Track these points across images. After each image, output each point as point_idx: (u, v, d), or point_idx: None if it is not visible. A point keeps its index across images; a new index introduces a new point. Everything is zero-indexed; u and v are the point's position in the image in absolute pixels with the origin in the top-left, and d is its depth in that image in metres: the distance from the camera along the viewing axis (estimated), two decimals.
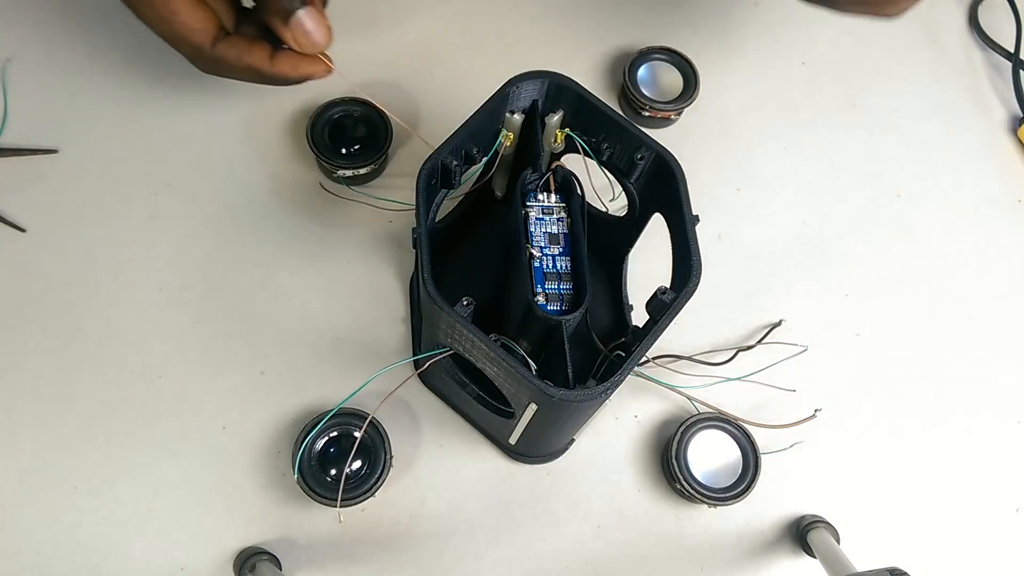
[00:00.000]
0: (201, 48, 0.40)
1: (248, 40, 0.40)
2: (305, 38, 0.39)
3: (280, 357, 0.48)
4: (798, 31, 0.60)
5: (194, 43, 0.40)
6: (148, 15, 0.40)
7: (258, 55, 0.40)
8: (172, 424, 0.46)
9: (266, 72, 0.41)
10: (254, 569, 0.42)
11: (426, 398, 0.48)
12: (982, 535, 0.49)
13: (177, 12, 0.39)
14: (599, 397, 0.35)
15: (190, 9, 0.39)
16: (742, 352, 0.50)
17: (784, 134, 0.57)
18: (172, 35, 0.40)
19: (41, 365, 0.46)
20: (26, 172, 0.50)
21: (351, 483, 0.43)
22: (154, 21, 0.40)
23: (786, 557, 0.47)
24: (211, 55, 0.40)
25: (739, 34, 0.60)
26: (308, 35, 0.39)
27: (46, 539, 0.43)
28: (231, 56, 0.40)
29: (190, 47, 0.40)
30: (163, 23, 0.39)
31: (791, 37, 0.60)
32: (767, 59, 0.59)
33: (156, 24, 0.40)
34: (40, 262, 0.48)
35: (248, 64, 0.40)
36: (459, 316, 0.35)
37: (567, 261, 0.41)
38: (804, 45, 0.60)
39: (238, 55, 0.40)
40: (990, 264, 0.56)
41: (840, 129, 0.58)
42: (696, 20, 0.59)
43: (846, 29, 0.60)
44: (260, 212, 0.50)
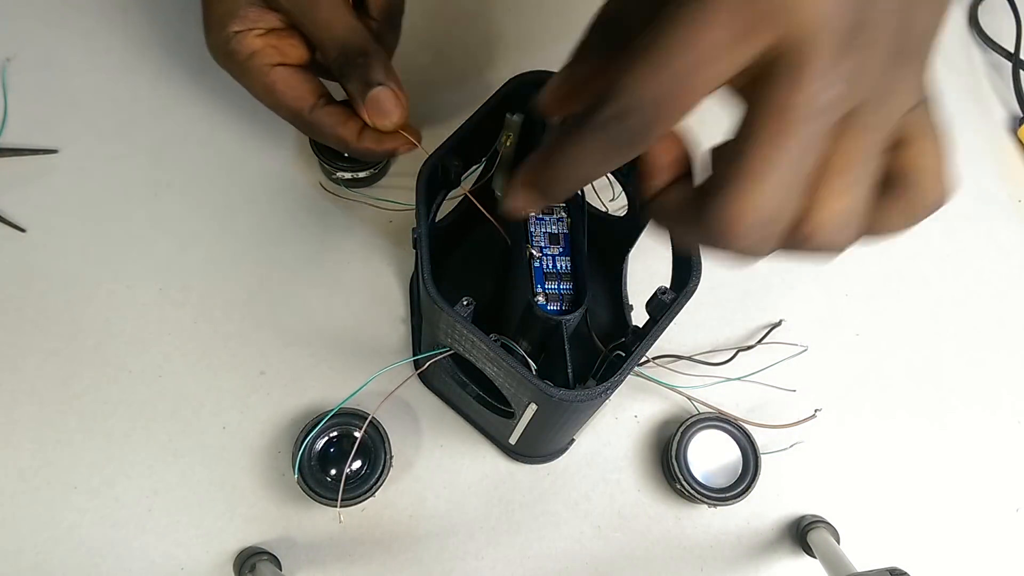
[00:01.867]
0: (300, 113, 0.42)
1: (345, 112, 0.42)
2: (378, 117, 0.41)
3: (280, 357, 0.48)
4: None
5: (293, 108, 0.42)
6: (250, 87, 0.43)
7: (350, 128, 0.42)
8: (172, 424, 0.46)
9: (353, 146, 0.42)
10: (254, 569, 0.42)
11: (426, 398, 0.48)
12: (982, 535, 0.49)
13: (275, 82, 0.42)
14: (599, 397, 0.35)
15: (286, 79, 0.42)
16: (742, 352, 0.50)
17: None
18: (273, 103, 0.43)
19: (41, 365, 0.46)
20: (26, 172, 0.50)
21: (351, 483, 0.43)
22: (256, 93, 0.43)
23: (786, 557, 0.47)
24: (307, 120, 0.42)
25: None
26: (382, 114, 0.40)
27: (46, 538, 0.43)
28: (326, 124, 0.42)
29: (289, 111, 0.43)
30: (264, 93, 0.42)
31: None
32: None
33: (258, 95, 0.43)
34: (40, 262, 0.48)
35: (339, 135, 0.42)
36: (459, 316, 0.35)
37: (567, 261, 0.41)
38: None
39: (332, 124, 0.42)
40: (989, 264, 0.56)
41: None
42: None
43: None
44: (260, 212, 0.50)
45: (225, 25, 0.41)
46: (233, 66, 0.42)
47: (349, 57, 0.40)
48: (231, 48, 0.41)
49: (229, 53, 0.42)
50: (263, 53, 0.42)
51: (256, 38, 0.41)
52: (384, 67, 0.41)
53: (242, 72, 0.42)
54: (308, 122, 0.42)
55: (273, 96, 0.42)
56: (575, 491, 0.47)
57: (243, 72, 0.42)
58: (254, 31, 0.41)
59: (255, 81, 0.42)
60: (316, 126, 0.42)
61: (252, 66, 0.42)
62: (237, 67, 0.42)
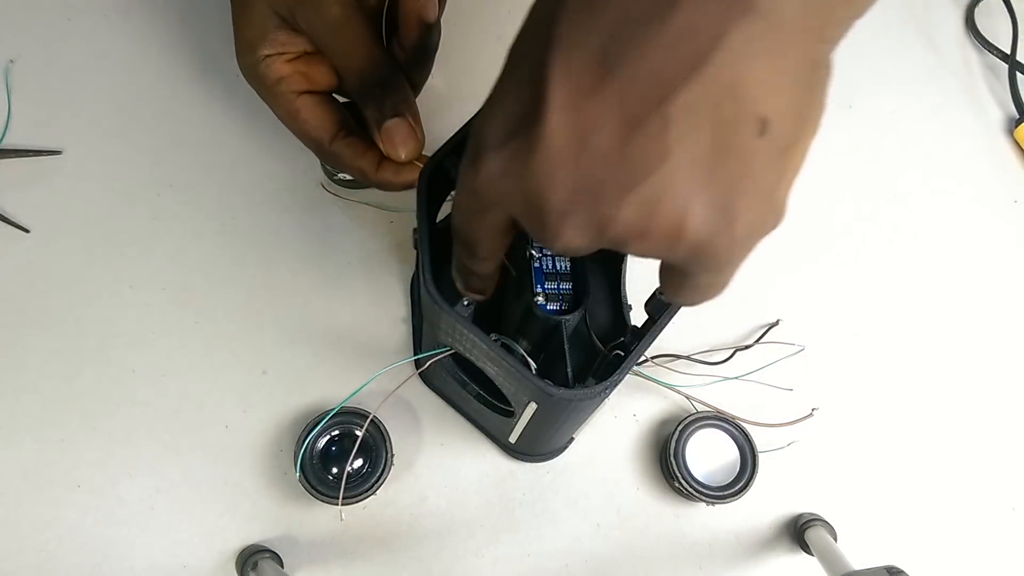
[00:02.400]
0: (321, 143, 0.43)
1: (365, 144, 0.43)
2: (392, 148, 0.41)
3: (282, 356, 0.48)
4: None
5: (314, 138, 0.43)
6: (276, 111, 0.43)
7: (368, 160, 0.42)
8: (174, 423, 0.46)
9: (371, 177, 0.43)
10: (256, 567, 0.42)
11: (427, 397, 0.48)
12: (979, 533, 0.50)
13: (299, 110, 0.42)
14: (598, 396, 0.35)
15: (311, 108, 0.42)
16: (740, 351, 0.50)
17: None
18: (296, 130, 0.43)
19: (44, 364, 0.46)
20: (30, 173, 0.50)
21: (352, 481, 0.43)
22: (280, 117, 0.43)
23: (784, 555, 0.48)
24: (328, 151, 0.43)
25: None
26: (395, 146, 0.41)
27: (49, 537, 0.44)
28: (345, 155, 0.43)
29: (311, 140, 0.43)
30: (288, 119, 0.43)
31: None
32: None
33: (282, 119, 0.43)
34: (43, 262, 0.48)
35: (358, 166, 0.43)
36: (459, 316, 0.35)
37: (567, 261, 0.41)
38: None
39: (351, 156, 0.42)
40: (987, 264, 0.56)
41: (837, 131, 0.58)
42: None
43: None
44: (262, 212, 0.51)
45: (255, 49, 0.41)
46: (261, 89, 0.43)
47: (367, 86, 0.41)
48: (260, 72, 0.42)
49: (258, 76, 0.42)
50: (291, 80, 0.42)
51: (285, 63, 0.42)
52: (402, 99, 0.41)
53: (269, 96, 0.43)
54: (328, 152, 0.43)
55: (296, 124, 0.43)
56: (574, 489, 0.48)
57: (270, 96, 0.43)
58: (284, 55, 0.42)
59: (280, 107, 0.43)
60: (335, 157, 0.43)
61: (279, 92, 0.42)
62: (265, 90, 0.43)
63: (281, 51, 0.42)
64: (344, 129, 0.43)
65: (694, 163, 0.23)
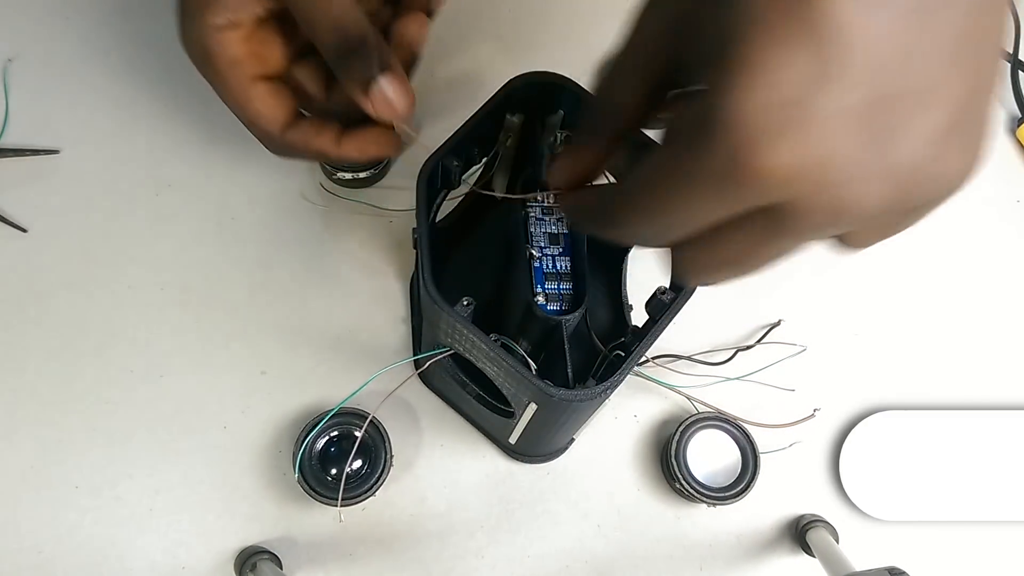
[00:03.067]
0: (272, 135, 0.40)
1: (316, 125, 0.40)
2: (385, 108, 0.37)
3: (281, 357, 0.48)
4: None
5: (266, 130, 0.40)
6: (226, 98, 0.40)
7: (325, 140, 0.40)
8: (173, 424, 0.46)
9: (333, 156, 0.40)
10: (255, 568, 0.42)
11: (426, 398, 0.48)
12: (982, 535, 0.49)
13: (252, 100, 0.39)
14: (599, 397, 0.35)
15: (264, 97, 0.39)
16: (741, 352, 0.50)
17: None
18: (246, 120, 0.40)
19: (42, 365, 0.46)
20: (28, 172, 0.50)
21: (352, 482, 0.43)
22: (231, 105, 0.40)
23: (785, 556, 0.48)
24: (280, 142, 0.40)
25: None
26: (389, 104, 0.37)
27: (47, 538, 0.44)
28: (299, 143, 0.40)
29: (262, 133, 0.40)
30: (239, 108, 0.40)
31: None
32: None
33: (233, 108, 0.40)
34: (42, 262, 0.48)
35: (316, 148, 0.40)
36: (459, 316, 0.35)
37: (567, 261, 0.41)
38: None
39: (305, 141, 0.40)
40: (988, 264, 0.56)
41: None
42: None
43: None
44: (261, 212, 0.51)
45: (204, 13, 0.37)
46: (210, 70, 0.39)
47: (350, 44, 0.36)
48: (210, 49, 0.38)
49: (207, 54, 0.38)
50: (246, 64, 0.38)
51: (240, 43, 0.38)
52: (388, 54, 0.37)
53: (218, 79, 0.39)
54: (280, 144, 0.40)
55: (247, 113, 0.40)
56: (575, 490, 0.47)
57: (219, 80, 0.39)
58: (238, 29, 0.38)
59: (231, 94, 0.39)
60: (289, 147, 0.40)
61: (232, 76, 0.38)
62: (214, 72, 0.39)
63: (234, 19, 0.37)
64: (295, 115, 0.40)
65: (963, 102, 0.24)
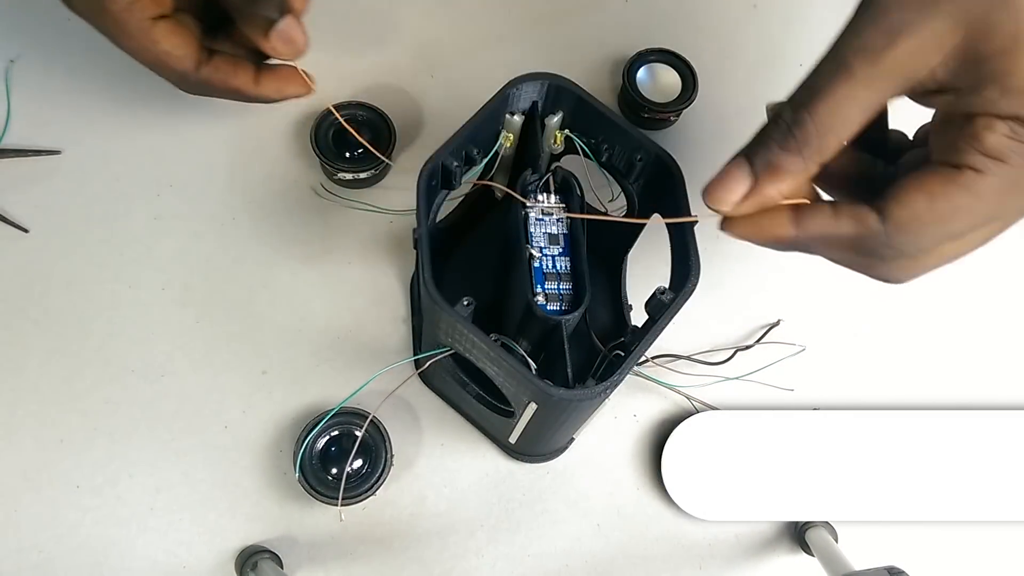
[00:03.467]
0: (186, 74, 0.39)
1: (232, 62, 0.40)
2: (287, 47, 0.38)
3: (282, 357, 0.48)
4: (796, 32, 0.60)
5: (178, 69, 0.39)
6: (129, 45, 0.39)
7: (243, 78, 0.40)
8: (174, 423, 0.46)
9: (251, 94, 0.40)
10: (255, 567, 0.42)
11: (426, 397, 0.48)
12: (981, 534, 0.49)
13: (157, 41, 0.38)
14: (598, 396, 0.35)
15: (169, 36, 0.38)
16: (740, 352, 0.50)
17: None
18: (155, 62, 0.39)
19: (43, 364, 0.46)
20: (29, 173, 0.50)
21: (352, 482, 0.43)
22: (135, 51, 0.39)
23: (784, 555, 0.48)
24: (196, 79, 0.39)
25: (737, 36, 0.60)
26: (290, 44, 0.38)
27: (48, 537, 0.44)
28: (216, 80, 0.39)
29: (174, 73, 0.39)
30: (144, 52, 0.38)
31: (788, 39, 0.60)
32: (765, 60, 0.59)
33: (138, 53, 0.39)
34: (43, 262, 0.48)
35: (234, 87, 0.40)
36: (459, 316, 0.35)
37: (567, 261, 0.41)
38: (801, 47, 0.60)
39: (223, 79, 0.40)
40: (988, 263, 0.56)
41: None
42: (695, 22, 0.60)
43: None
44: (262, 212, 0.51)
45: None
46: (107, 18, 0.37)
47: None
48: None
49: (100, 3, 0.36)
50: (141, 3, 0.36)
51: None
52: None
53: (116, 27, 0.37)
54: (195, 81, 0.39)
55: (155, 56, 0.38)
56: (575, 490, 0.48)
57: (118, 27, 0.37)
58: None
59: (133, 39, 0.37)
60: (206, 84, 0.39)
61: (129, 20, 0.37)
62: (111, 21, 0.37)
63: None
64: (205, 51, 0.39)
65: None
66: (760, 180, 0.32)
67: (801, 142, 0.31)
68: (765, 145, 0.32)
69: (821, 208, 0.33)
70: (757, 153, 0.32)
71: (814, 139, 0.30)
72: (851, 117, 0.30)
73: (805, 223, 0.33)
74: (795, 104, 0.31)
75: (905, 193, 0.31)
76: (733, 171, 0.32)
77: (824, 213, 0.32)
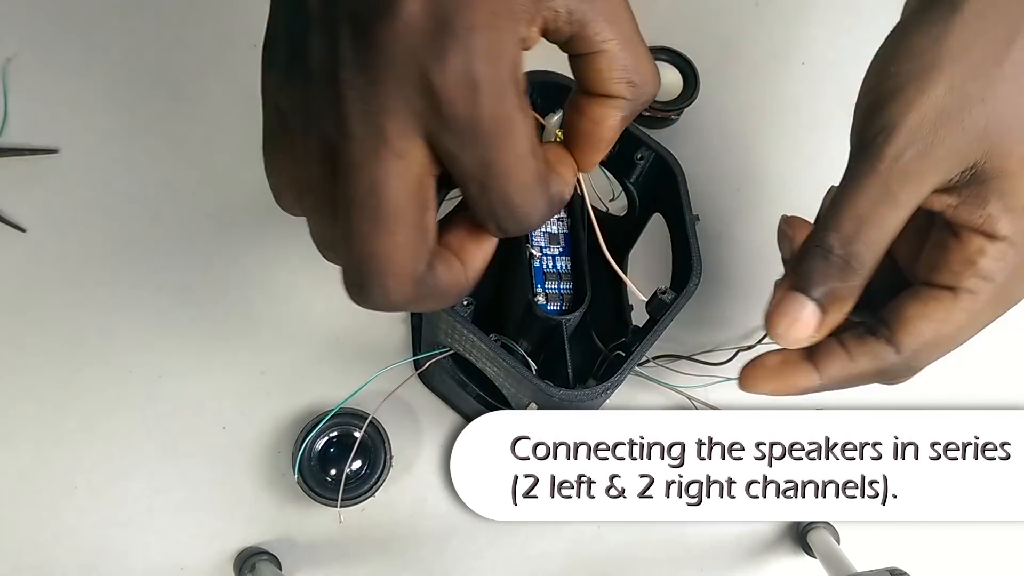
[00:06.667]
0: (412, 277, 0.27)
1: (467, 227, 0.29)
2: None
3: (280, 357, 0.48)
4: (798, 31, 0.60)
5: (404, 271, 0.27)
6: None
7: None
8: (172, 424, 0.46)
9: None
10: (254, 569, 0.42)
11: (426, 398, 0.48)
12: (983, 536, 0.49)
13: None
14: (599, 397, 0.35)
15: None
16: (742, 352, 0.50)
17: (784, 134, 0.57)
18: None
19: (41, 365, 0.46)
20: (26, 172, 0.50)
21: (351, 483, 0.43)
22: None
23: (786, 557, 0.47)
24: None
25: (739, 34, 0.60)
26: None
27: (46, 539, 0.43)
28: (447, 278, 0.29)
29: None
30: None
31: (791, 37, 0.60)
32: (767, 59, 0.59)
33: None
34: (40, 262, 0.48)
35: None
36: (459, 316, 0.35)
37: (567, 261, 0.41)
38: (804, 45, 0.60)
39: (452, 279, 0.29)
40: None
41: (840, 129, 0.58)
42: (696, 20, 0.59)
43: (846, 28, 0.60)
44: (261, 212, 0.50)
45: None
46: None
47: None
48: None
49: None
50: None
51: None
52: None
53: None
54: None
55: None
56: None
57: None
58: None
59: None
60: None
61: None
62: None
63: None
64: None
65: None
66: (828, 311, 0.33)
67: (858, 269, 0.33)
68: (824, 276, 0.33)
69: (834, 350, 0.34)
70: (814, 285, 0.33)
71: (869, 264, 0.33)
72: (892, 235, 0.33)
73: (826, 370, 0.34)
74: (845, 238, 0.33)
75: (912, 324, 0.34)
76: (793, 308, 0.34)
77: (839, 356, 0.34)
